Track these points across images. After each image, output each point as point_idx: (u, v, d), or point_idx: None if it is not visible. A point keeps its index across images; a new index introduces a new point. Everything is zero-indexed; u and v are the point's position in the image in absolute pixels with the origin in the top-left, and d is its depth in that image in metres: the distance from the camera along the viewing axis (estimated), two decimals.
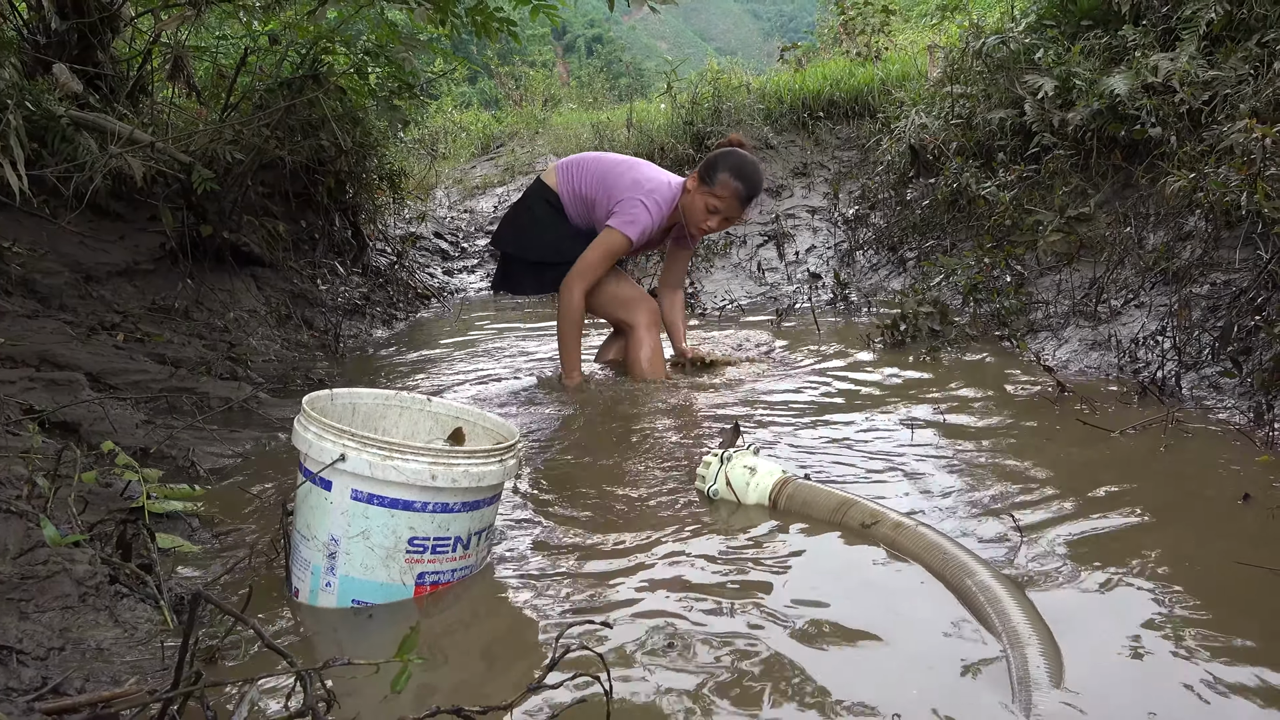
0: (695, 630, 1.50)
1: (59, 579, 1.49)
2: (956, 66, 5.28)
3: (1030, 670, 1.30)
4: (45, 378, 2.55)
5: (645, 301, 3.48)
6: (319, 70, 4.20)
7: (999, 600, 1.47)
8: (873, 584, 1.66)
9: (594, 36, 54.00)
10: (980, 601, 1.49)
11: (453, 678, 1.43)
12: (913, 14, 9.99)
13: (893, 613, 1.54)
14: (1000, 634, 1.41)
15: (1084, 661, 1.36)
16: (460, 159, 9.19)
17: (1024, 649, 1.34)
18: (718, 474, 2.09)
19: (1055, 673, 1.30)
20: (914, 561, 1.70)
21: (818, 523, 1.93)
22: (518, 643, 1.53)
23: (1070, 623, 1.47)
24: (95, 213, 3.59)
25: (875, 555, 1.77)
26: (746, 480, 2.06)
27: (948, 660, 1.39)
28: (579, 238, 3.38)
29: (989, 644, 1.42)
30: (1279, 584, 1.55)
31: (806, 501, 1.97)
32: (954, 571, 1.60)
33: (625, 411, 3.02)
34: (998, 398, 2.90)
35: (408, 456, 1.58)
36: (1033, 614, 1.44)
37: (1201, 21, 3.76)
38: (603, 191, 3.34)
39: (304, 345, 4.07)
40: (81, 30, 3.82)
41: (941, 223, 5.06)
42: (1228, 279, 3.09)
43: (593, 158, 3.47)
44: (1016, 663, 1.33)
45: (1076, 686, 1.30)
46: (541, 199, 3.40)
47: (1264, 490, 1.96)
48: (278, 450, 2.58)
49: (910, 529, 1.77)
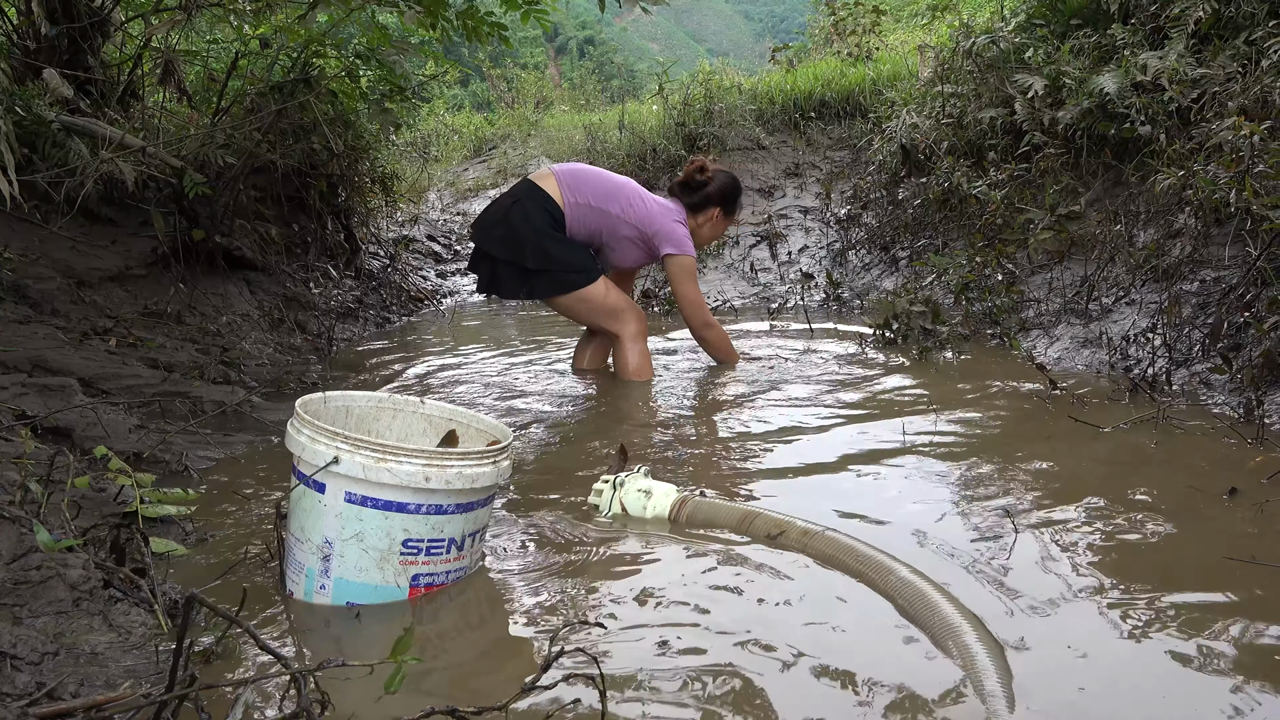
0: (694, 629, 1.51)
1: (52, 584, 1.49)
2: (947, 66, 5.30)
3: (974, 658, 1.33)
4: (37, 383, 2.55)
5: (633, 310, 3.50)
6: (310, 74, 4.20)
7: (924, 595, 1.50)
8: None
9: (586, 38, 54.02)
10: (905, 598, 1.53)
11: (448, 678, 1.43)
12: (903, 14, 10.03)
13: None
14: (928, 627, 1.44)
15: (1072, 654, 1.37)
16: (452, 161, 9.18)
17: (960, 636, 1.38)
18: (611, 500, 2.03)
19: (995, 655, 1.34)
20: (830, 566, 1.70)
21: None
22: (512, 643, 1.54)
23: (1061, 616, 1.48)
24: (87, 218, 3.59)
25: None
26: (643, 504, 2.00)
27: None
28: (575, 247, 3.40)
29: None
30: (1267, 577, 1.56)
31: (709, 518, 1.94)
32: (874, 570, 1.62)
33: (619, 412, 3.03)
34: (990, 395, 2.91)
35: (401, 459, 1.58)
36: (956, 604, 1.47)
37: (1190, 20, 3.78)
38: (620, 208, 3.40)
39: (297, 349, 4.06)
40: (72, 35, 3.81)
41: (933, 222, 5.08)
42: (1217, 276, 3.11)
43: (591, 171, 3.49)
44: (958, 651, 1.36)
45: (1066, 680, 1.31)
46: (541, 208, 3.37)
47: (1253, 485, 1.98)
48: (271, 453, 2.58)
49: (819, 534, 1.77)
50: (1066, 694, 1.29)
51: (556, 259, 3.35)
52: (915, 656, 1.39)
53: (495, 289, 3.56)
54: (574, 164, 3.60)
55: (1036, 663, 1.37)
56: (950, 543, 1.80)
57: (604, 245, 3.49)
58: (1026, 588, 1.59)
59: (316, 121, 4.25)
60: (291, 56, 4.26)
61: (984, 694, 1.26)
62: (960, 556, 1.74)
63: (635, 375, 3.45)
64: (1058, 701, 1.27)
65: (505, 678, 1.41)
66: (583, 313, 3.48)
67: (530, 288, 3.43)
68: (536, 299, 3.51)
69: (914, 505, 2.02)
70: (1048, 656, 1.38)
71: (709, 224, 3.60)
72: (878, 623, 1.50)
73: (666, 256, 3.43)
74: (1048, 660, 1.37)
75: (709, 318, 3.58)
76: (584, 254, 3.42)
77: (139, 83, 4.21)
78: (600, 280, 3.42)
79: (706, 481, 2.28)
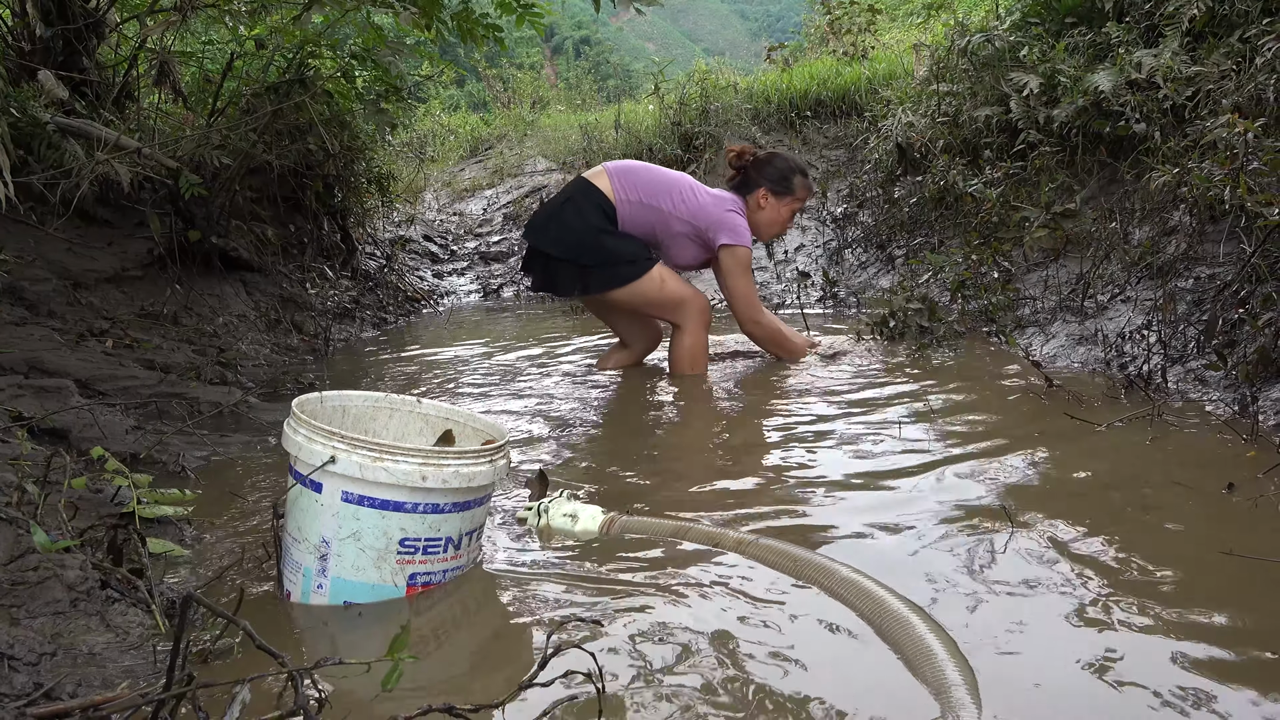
0: (692, 629, 1.51)
1: (50, 585, 1.49)
2: (942, 65, 5.31)
3: (925, 646, 1.36)
4: (34, 384, 2.55)
5: (696, 298, 3.43)
6: (305, 74, 4.20)
7: (869, 593, 1.52)
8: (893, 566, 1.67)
9: (582, 38, 54.02)
10: (849, 596, 1.55)
11: (444, 676, 1.43)
12: (899, 13, 10.04)
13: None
14: (876, 623, 1.46)
15: (1069, 648, 1.37)
16: (449, 162, 9.18)
17: (911, 629, 1.40)
18: (538, 526, 1.99)
19: (946, 642, 1.37)
20: (766, 566, 1.71)
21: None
22: (509, 641, 1.54)
23: (1058, 611, 1.49)
24: (82, 219, 3.59)
25: (895, 540, 1.78)
26: (570, 528, 1.96)
27: None
28: (629, 239, 3.36)
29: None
30: (1264, 572, 1.56)
31: (640, 534, 1.92)
32: (815, 572, 1.64)
33: (617, 408, 3.03)
34: (985, 393, 2.91)
35: (398, 458, 1.58)
36: (900, 598, 1.50)
37: (1184, 18, 3.79)
38: (671, 204, 3.35)
39: (294, 349, 4.06)
40: (67, 36, 3.81)
41: (929, 220, 5.09)
42: (1212, 273, 3.12)
43: (641, 167, 3.45)
44: (910, 644, 1.38)
45: (1059, 675, 1.32)
46: (594, 204, 3.32)
47: (1249, 480, 1.98)
48: (268, 454, 2.58)
49: (752, 543, 1.77)
50: (1045, 692, 1.29)
51: (609, 252, 3.30)
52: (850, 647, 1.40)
53: (550, 288, 3.51)
54: (627, 161, 3.55)
55: (1019, 660, 1.37)
56: (944, 539, 1.81)
57: (661, 243, 3.43)
58: (1020, 584, 1.60)
59: (312, 122, 4.25)
60: (287, 57, 4.26)
61: (938, 687, 1.28)
62: (955, 553, 1.74)
63: (688, 368, 3.42)
64: (1034, 699, 1.27)
65: (502, 675, 1.41)
66: (641, 305, 3.41)
67: (585, 284, 3.37)
68: (592, 294, 3.43)
69: (908, 502, 2.03)
70: (1034, 653, 1.39)
71: (763, 209, 3.48)
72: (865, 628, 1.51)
73: (721, 248, 3.36)
74: (1034, 657, 1.38)
75: (758, 314, 3.47)
76: (637, 245, 3.37)
77: (134, 84, 4.21)
78: (656, 269, 3.35)
79: (688, 479, 2.28)
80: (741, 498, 2.15)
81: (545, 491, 2.11)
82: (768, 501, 2.10)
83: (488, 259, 6.89)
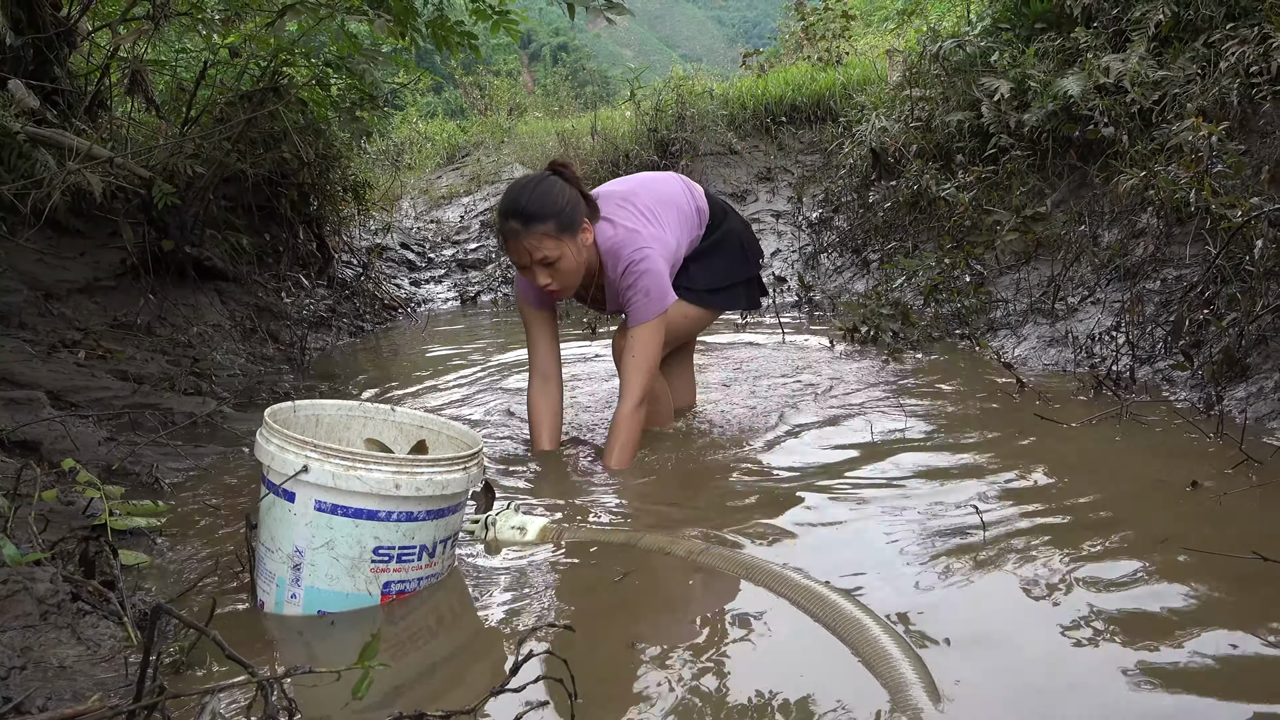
0: (667, 630, 1.52)
1: (20, 598, 1.48)
2: (915, 70, 5.37)
3: (874, 638, 1.40)
4: (4, 396, 2.53)
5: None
6: (280, 83, 4.18)
7: (823, 597, 1.55)
8: (878, 567, 1.69)
9: (559, 45, 54.02)
10: (804, 599, 1.57)
11: (416, 682, 1.43)
12: (873, 19, 10.12)
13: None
14: (830, 623, 1.49)
15: (1037, 642, 1.39)
16: (426, 169, 9.16)
17: (864, 629, 1.44)
18: (485, 539, 1.98)
19: (893, 634, 1.42)
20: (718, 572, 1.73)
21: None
22: (482, 647, 1.54)
23: (1028, 607, 1.51)
24: (54, 229, 3.55)
25: (872, 534, 1.79)
26: (519, 539, 1.95)
27: None
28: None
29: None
30: (1227, 567, 1.59)
31: (591, 543, 1.93)
32: (766, 578, 1.67)
33: (586, 419, 3.04)
34: (958, 396, 2.94)
35: (371, 466, 1.58)
36: (854, 601, 1.54)
37: (1150, 23, 3.85)
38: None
39: (269, 359, 4.04)
40: (37, 45, 3.78)
41: (903, 224, 5.13)
42: (1179, 274, 3.17)
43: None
44: (861, 639, 1.42)
45: (1040, 669, 1.33)
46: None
47: (1214, 477, 2.02)
48: (242, 464, 2.57)
49: (703, 551, 1.79)
50: (1014, 689, 1.31)
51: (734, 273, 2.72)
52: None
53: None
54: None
55: (989, 657, 1.39)
56: (917, 541, 1.83)
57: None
58: (991, 584, 1.62)
59: (287, 130, 4.23)
60: (261, 65, 4.25)
61: (893, 684, 1.30)
62: (927, 555, 1.76)
63: None
64: (1002, 697, 1.29)
65: (475, 681, 1.41)
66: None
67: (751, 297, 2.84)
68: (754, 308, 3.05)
69: (881, 504, 2.05)
70: (1004, 651, 1.41)
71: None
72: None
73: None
74: (1002, 655, 1.40)
75: None
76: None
77: (106, 93, 4.17)
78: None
79: (674, 480, 2.29)
80: (709, 503, 2.16)
81: (492, 504, 2.08)
82: (735, 505, 2.11)
83: (465, 266, 6.88)
